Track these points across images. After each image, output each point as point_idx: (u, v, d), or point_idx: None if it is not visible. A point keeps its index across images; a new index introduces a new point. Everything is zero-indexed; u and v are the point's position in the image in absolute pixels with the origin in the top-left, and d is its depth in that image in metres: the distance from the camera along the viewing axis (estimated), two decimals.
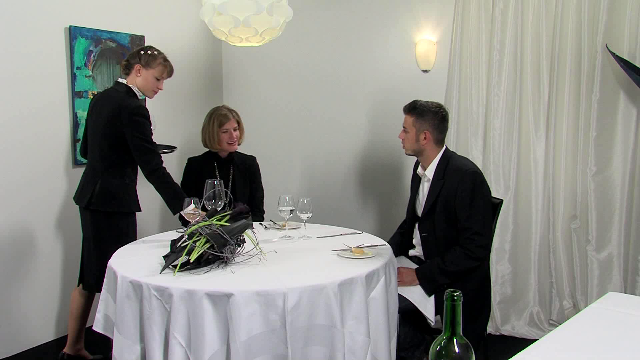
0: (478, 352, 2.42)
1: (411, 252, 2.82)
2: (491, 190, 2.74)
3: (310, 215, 2.59)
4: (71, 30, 3.36)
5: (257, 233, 2.37)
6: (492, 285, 3.15)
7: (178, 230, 2.81)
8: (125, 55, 3.57)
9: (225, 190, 2.51)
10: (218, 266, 2.13)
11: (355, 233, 2.75)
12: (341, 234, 2.72)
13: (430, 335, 2.70)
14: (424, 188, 2.70)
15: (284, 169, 4.35)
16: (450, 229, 2.57)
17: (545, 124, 3.40)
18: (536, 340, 1.49)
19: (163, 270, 2.07)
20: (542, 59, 3.36)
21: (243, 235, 2.22)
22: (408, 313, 2.53)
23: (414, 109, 2.65)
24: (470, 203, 2.51)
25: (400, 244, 2.85)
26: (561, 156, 3.36)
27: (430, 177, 2.65)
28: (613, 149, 3.23)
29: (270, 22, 2.71)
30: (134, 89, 2.89)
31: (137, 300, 2.00)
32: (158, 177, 2.78)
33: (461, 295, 1.12)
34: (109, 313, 2.19)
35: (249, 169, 3.49)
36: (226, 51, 4.51)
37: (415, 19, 3.78)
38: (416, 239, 2.76)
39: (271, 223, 2.96)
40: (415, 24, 3.78)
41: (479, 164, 3.45)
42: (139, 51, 2.90)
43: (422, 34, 3.76)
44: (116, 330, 2.06)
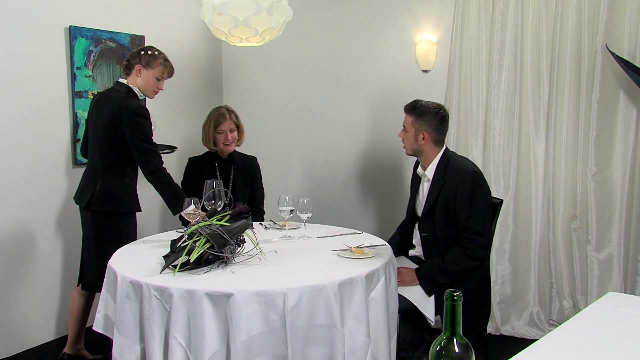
0: (478, 352, 2.42)
1: (411, 252, 2.82)
2: (491, 190, 2.74)
3: (310, 215, 2.59)
4: (71, 30, 3.36)
5: (257, 233, 2.37)
6: (492, 285, 3.15)
7: (178, 230, 2.81)
8: (125, 55, 3.58)
9: (225, 190, 2.51)
10: (218, 266, 2.13)
11: (355, 233, 2.75)
12: (341, 234, 2.72)
13: (430, 335, 2.70)
14: (424, 188, 2.70)
15: (284, 169, 4.35)
16: (450, 229, 2.57)
17: (545, 124, 3.40)
18: (536, 340, 1.49)
19: (163, 270, 2.07)
20: (542, 59, 3.36)
21: (243, 235, 2.22)
22: (408, 313, 2.53)
23: (414, 109, 2.65)
24: (470, 203, 2.51)
25: (400, 244, 2.85)
26: (561, 156, 3.36)
27: (430, 177, 2.65)
28: (613, 149, 3.23)
29: (270, 22, 2.71)
30: (134, 89, 2.89)
31: (137, 300, 2.00)
32: (158, 178, 2.78)
33: (461, 295, 1.12)
34: (109, 313, 2.18)
35: (249, 169, 3.49)
36: (226, 51, 4.51)
37: (415, 19, 3.78)
38: (416, 239, 2.76)
39: (271, 223, 2.96)
40: (415, 24, 3.78)
41: (479, 164, 3.45)
42: (139, 51, 2.90)
43: (422, 34, 3.76)
44: (116, 330, 2.06)
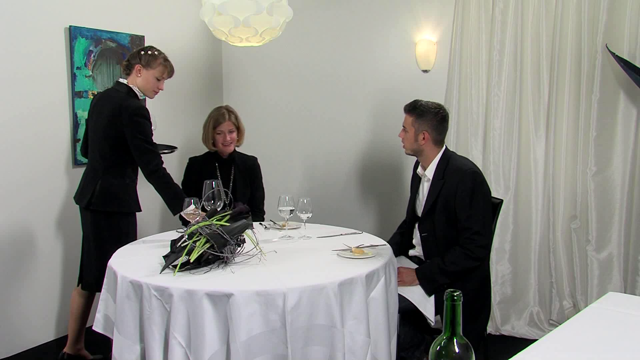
0: (478, 352, 2.42)
1: (411, 252, 2.82)
2: (491, 190, 2.74)
3: (310, 215, 2.59)
4: (71, 30, 3.36)
5: (257, 233, 2.37)
6: (492, 285, 3.15)
7: (178, 230, 2.81)
8: (126, 55, 3.58)
9: (225, 190, 2.51)
10: (218, 266, 2.13)
11: (355, 233, 2.75)
12: (341, 234, 2.72)
13: (430, 335, 2.70)
14: (424, 188, 2.70)
15: (284, 169, 4.35)
16: (450, 229, 2.57)
17: (545, 124, 3.40)
18: (536, 340, 1.49)
19: (163, 270, 2.07)
20: (542, 59, 3.36)
21: (243, 235, 2.22)
22: (408, 313, 2.53)
23: (414, 109, 2.65)
24: (470, 203, 2.51)
25: (400, 244, 2.85)
26: (561, 156, 3.36)
27: (430, 177, 2.65)
28: (613, 149, 3.23)
29: (270, 22, 2.71)
30: (134, 89, 2.89)
31: (137, 300, 2.00)
32: (158, 178, 2.79)
33: (461, 295, 1.12)
34: (109, 313, 2.18)
35: (250, 169, 3.49)
36: (226, 51, 4.51)
37: (415, 19, 3.78)
38: (416, 239, 2.76)
39: (271, 223, 2.96)
40: (415, 24, 3.78)
41: (479, 164, 3.45)
42: (139, 51, 2.90)
43: (422, 34, 3.76)
44: (116, 330, 2.06)
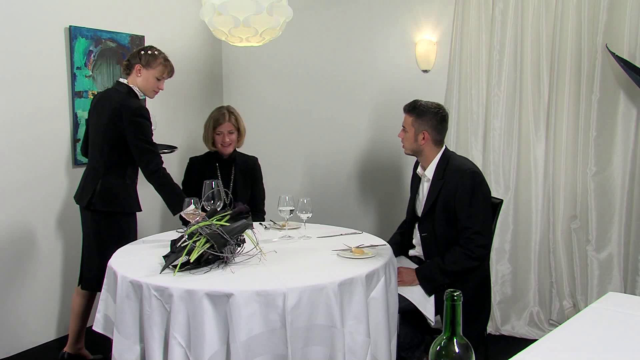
0: (478, 352, 2.42)
1: (411, 252, 2.82)
2: (491, 190, 2.74)
3: (310, 215, 2.59)
4: (71, 30, 3.36)
5: (257, 233, 2.36)
6: (492, 285, 3.15)
7: (178, 230, 2.81)
8: (125, 55, 3.58)
9: (225, 190, 2.51)
10: (218, 266, 2.13)
11: (355, 233, 2.75)
12: (341, 234, 2.72)
13: (430, 335, 2.69)
14: (424, 188, 2.70)
15: (284, 169, 4.35)
16: (450, 228, 2.57)
17: (545, 124, 3.40)
18: (536, 340, 1.49)
19: (163, 270, 2.07)
20: (542, 59, 3.36)
21: (243, 235, 2.22)
22: (408, 313, 2.53)
23: (413, 109, 2.65)
24: (469, 203, 2.51)
25: (400, 244, 2.85)
26: (561, 156, 3.36)
27: (430, 177, 2.65)
28: (613, 149, 3.23)
29: (270, 22, 2.71)
30: (134, 89, 2.90)
31: (137, 300, 2.00)
32: (158, 178, 2.79)
33: (461, 295, 1.12)
34: (109, 313, 2.18)
35: (250, 169, 3.49)
36: (226, 51, 4.51)
37: (415, 19, 3.78)
38: (416, 239, 2.76)
39: (271, 223, 2.96)
40: (415, 24, 3.78)
41: (479, 164, 3.45)
42: (139, 51, 2.91)
43: (422, 34, 3.76)
44: (116, 331, 2.06)
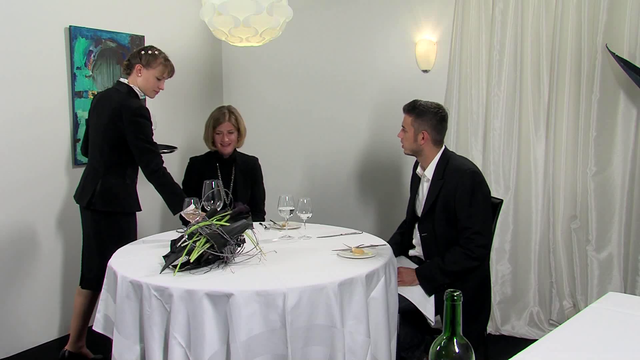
0: (478, 352, 2.42)
1: (411, 252, 2.82)
2: (491, 190, 2.74)
3: (310, 215, 2.59)
4: (71, 30, 3.36)
5: (257, 233, 2.36)
6: (492, 285, 3.15)
7: (178, 230, 2.81)
8: (125, 55, 3.58)
9: (225, 190, 2.51)
10: (218, 266, 2.13)
11: (355, 233, 2.75)
12: (341, 234, 2.72)
13: (430, 335, 2.69)
14: (424, 188, 2.70)
15: (284, 169, 4.35)
16: (450, 228, 2.57)
17: (545, 124, 3.40)
18: (536, 340, 1.49)
19: (163, 270, 2.07)
20: (542, 59, 3.36)
21: (243, 235, 2.22)
22: (408, 313, 2.53)
23: (413, 109, 2.65)
24: (469, 203, 2.51)
25: (400, 244, 2.85)
26: (561, 156, 3.36)
27: (430, 177, 2.64)
28: (613, 149, 3.23)
29: (270, 22, 2.71)
30: (135, 89, 2.90)
31: (137, 300, 2.00)
32: (158, 178, 2.79)
33: (461, 295, 1.12)
34: (109, 313, 2.18)
35: (250, 169, 3.49)
36: (226, 51, 4.51)
37: (415, 19, 3.78)
38: (416, 239, 2.76)
39: (271, 223, 2.96)
40: (415, 24, 3.78)
41: (479, 164, 3.45)
42: (139, 51, 2.91)
43: (422, 34, 3.76)
44: (116, 331, 2.06)
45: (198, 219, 2.38)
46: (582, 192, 3.32)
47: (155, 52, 2.90)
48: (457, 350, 1.12)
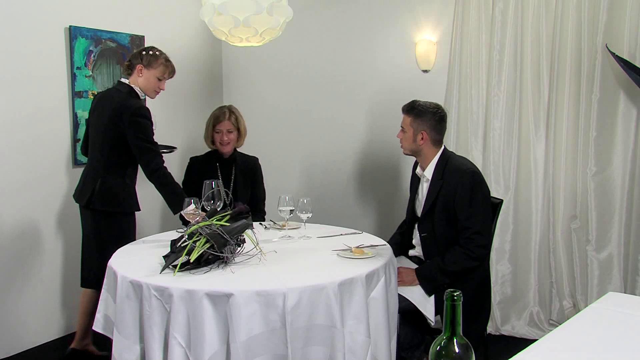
0: (478, 352, 2.42)
1: (411, 252, 2.82)
2: (491, 190, 2.74)
3: (310, 215, 2.59)
4: (71, 30, 3.36)
5: (257, 233, 2.37)
6: (492, 285, 3.15)
7: (178, 230, 2.81)
8: (125, 55, 3.59)
9: (225, 190, 2.51)
10: (218, 266, 2.13)
11: (355, 233, 2.75)
12: (341, 234, 2.72)
13: (430, 335, 2.70)
14: (423, 188, 2.70)
15: (284, 169, 4.35)
16: (450, 229, 2.57)
17: (545, 124, 3.40)
18: (536, 340, 1.49)
19: (163, 270, 2.07)
20: (542, 59, 3.36)
21: (243, 235, 2.22)
22: (408, 313, 2.53)
23: (412, 109, 2.65)
24: (469, 203, 2.51)
25: (400, 244, 2.85)
26: (561, 156, 3.36)
27: (429, 177, 2.64)
28: (613, 149, 3.23)
29: (270, 22, 2.71)
30: (136, 89, 2.91)
31: (137, 300, 2.00)
32: (159, 177, 2.79)
33: (461, 295, 1.12)
34: (109, 313, 2.19)
35: (250, 169, 3.49)
36: (226, 51, 4.51)
37: (415, 19, 3.78)
38: (416, 239, 2.76)
39: (271, 223, 2.96)
40: (415, 24, 3.78)
41: (479, 164, 3.45)
42: (140, 51, 2.92)
43: (422, 34, 3.76)
44: (116, 331, 2.06)
45: (198, 219, 2.38)
46: (582, 192, 3.32)
47: (157, 53, 2.91)
48: (457, 350, 1.12)
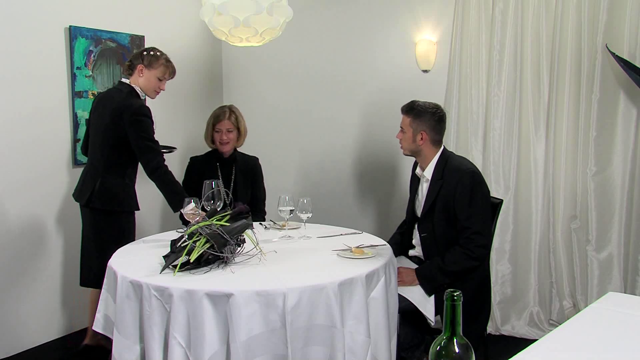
0: (478, 352, 2.42)
1: (411, 252, 2.82)
2: (491, 190, 2.74)
3: (310, 215, 2.59)
4: (71, 30, 3.36)
5: (257, 233, 2.37)
6: (492, 285, 3.15)
7: (178, 230, 2.81)
8: (125, 55, 3.59)
9: (225, 190, 2.51)
10: (218, 266, 2.13)
11: (355, 233, 2.75)
12: (341, 234, 2.72)
13: (430, 335, 2.70)
14: (423, 188, 2.70)
15: (284, 169, 4.35)
16: (449, 229, 2.57)
17: (545, 124, 3.40)
18: (536, 340, 1.49)
19: (163, 270, 2.07)
20: (542, 59, 3.36)
21: (243, 235, 2.23)
22: (408, 313, 2.53)
23: (411, 110, 2.65)
24: (469, 203, 2.51)
25: (400, 244, 2.85)
26: (561, 156, 3.36)
27: (429, 178, 2.64)
28: (613, 149, 3.23)
29: (270, 22, 2.71)
30: (136, 89, 2.91)
31: (137, 300, 2.00)
32: (160, 176, 2.80)
33: (461, 295, 1.12)
34: (109, 313, 2.18)
35: (251, 169, 3.49)
36: (226, 51, 4.51)
37: (415, 19, 3.78)
38: (416, 239, 2.76)
39: (271, 223, 2.96)
40: (415, 24, 3.78)
41: (479, 164, 3.45)
42: (141, 52, 2.93)
43: (422, 34, 3.76)
44: (116, 330, 2.06)
45: (198, 219, 2.38)
46: (582, 192, 3.32)
47: (157, 53, 2.92)
48: (457, 350, 1.12)
